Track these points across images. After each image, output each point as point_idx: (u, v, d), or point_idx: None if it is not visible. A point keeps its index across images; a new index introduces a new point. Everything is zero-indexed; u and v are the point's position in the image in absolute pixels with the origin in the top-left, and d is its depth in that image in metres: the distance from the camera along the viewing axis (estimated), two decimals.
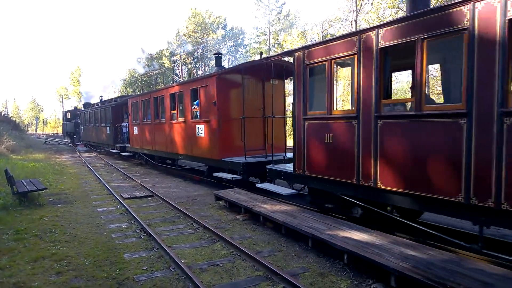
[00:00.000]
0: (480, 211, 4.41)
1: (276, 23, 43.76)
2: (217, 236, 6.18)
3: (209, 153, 10.78)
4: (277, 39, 42.61)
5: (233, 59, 52.30)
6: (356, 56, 5.82)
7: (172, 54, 49.80)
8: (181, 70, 49.76)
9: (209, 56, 49.34)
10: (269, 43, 43.25)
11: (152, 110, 15.05)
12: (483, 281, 3.64)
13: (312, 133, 6.88)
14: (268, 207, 7.08)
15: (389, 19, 5.73)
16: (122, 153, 19.15)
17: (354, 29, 27.57)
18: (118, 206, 8.81)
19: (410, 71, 6.15)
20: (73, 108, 38.43)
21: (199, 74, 45.47)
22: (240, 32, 53.56)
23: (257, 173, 9.26)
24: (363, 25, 29.33)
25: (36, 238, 6.29)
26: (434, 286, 3.62)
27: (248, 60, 8.50)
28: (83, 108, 29.81)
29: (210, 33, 49.41)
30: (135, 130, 17.26)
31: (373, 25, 5.68)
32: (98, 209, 8.52)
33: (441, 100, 7.10)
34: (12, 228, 6.86)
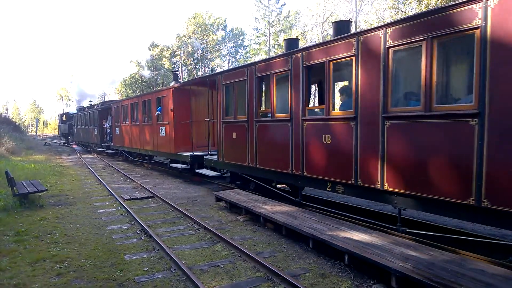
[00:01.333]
0: (390, 194, 5.40)
1: (276, 24, 43.76)
2: (217, 237, 6.18)
3: (169, 148, 13.60)
4: (277, 40, 42.65)
5: (233, 60, 52.37)
6: (289, 72, 7.36)
7: (173, 55, 49.84)
8: (182, 71, 49.80)
9: (209, 57, 49.40)
10: (269, 44, 43.28)
11: (129, 114, 17.95)
12: (484, 281, 3.63)
13: (226, 132, 9.79)
14: (269, 208, 7.08)
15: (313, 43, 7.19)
16: (106, 151, 22.04)
17: (354, 31, 27.53)
18: (119, 207, 8.80)
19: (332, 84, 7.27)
20: (67, 112, 41.02)
21: (199, 75, 45.49)
22: (240, 33, 53.61)
23: (200, 163, 11.78)
24: (363, 26, 29.35)
25: (36, 240, 6.28)
26: (435, 287, 3.61)
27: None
28: (76, 111, 32.69)
29: (210, 34, 49.45)
30: (117, 130, 20.28)
31: (300, 48, 7.23)
32: (98, 211, 8.52)
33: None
34: (13, 229, 6.86)
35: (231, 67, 46.90)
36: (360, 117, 5.77)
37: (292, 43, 8.32)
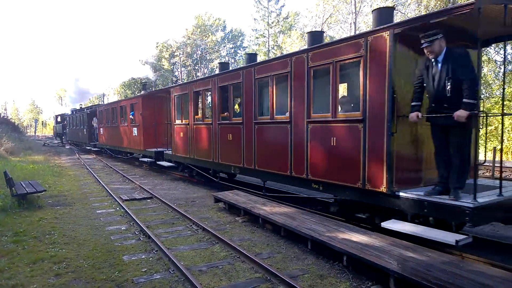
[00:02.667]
0: (295, 179, 7.27)
1: (276, 25, 43.80)
2: (216, 238, 6.18)
3: (139, 146, 16.40)
4: (276, 41, 42.70)
5: (233, 60, 52.39)
6: (211, 90, 10.48)
7: (172, 56, 49.85)
8: (181, 72, 49.81)
9: (208, 58, 49.39)
10: (268, 45, 43.32)
11: (111, 117, 20.81)
12: (483, 283, 3.64)
13: (175, 132, 12.73)
14: (267, 209, 7.08)
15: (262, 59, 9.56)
16: (93, 149, 25.12)
17: (354, 32, 27.63)
18: (117, 208, 8.80)
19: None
20: (62, 113, 41.98)
21: (198, 76, 45.51)
22: (240, 34, 53.64)
23: (162, 157, 14.30)
24: (362, 27, 29.39)
25: (35, 240, 6.27)
26: None
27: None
28: (70, 113, 34.67)
29: (209, 35, 49.46)
30: (101, 131, 23.15)
31: (243, 66, 9.31)
32: (97, 211, 8.51)
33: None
34: (11, 230, 6.85)
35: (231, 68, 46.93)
36: (294, 120, 7.21)
37: (223, 66, 11.37)
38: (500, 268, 4.32)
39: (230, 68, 10.71)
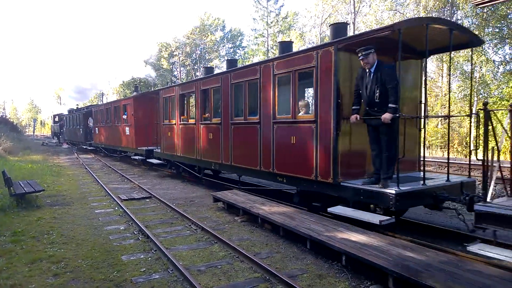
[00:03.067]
0: (264, 173, 8.19)
1: (275, 25, 43.79)
2: (215, 238, 6.17)
3: (132, 144, 17.34)
4: (276, 41, 42.68)
5: None
6: (194, 93, 11.75)
7: (171, 55, 49.81)
8: (180, 72, 49.78)
9: (208, 57, 49.35)
10: (268, 45, 43.31)
11: (105, 117, 21.73)
12: (481, 282, 3.65)
13: (164, 131, 13.71)
14: (266, 209, 7.08)
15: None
16: (89, 148, 26.38)
17: (353, 32, 27.63)
18: (116, 208, 8.79)
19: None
20: (59, 113, 43.00)
21: (197, 76, 45.49)
22: (239, 34, 53.61)
23: (153, 155, 15.21)
24: (362, 27, 29.42)
25: (33, 240, 6.26)
26: None
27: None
28: (67, 113, 35.89)
29: (208, 35, 49.42)
30: (97, 130, 24.03)
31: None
32: (95, 211, 8.50)
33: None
34: (9, 229, 6.83)
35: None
36: (262, 121, 8.09)
37: (208, 70, 12.77)
38: (497, 267, 4.33)
39: (215, 72, 11.55)
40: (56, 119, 41.48)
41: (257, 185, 10.36)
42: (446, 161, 5.56)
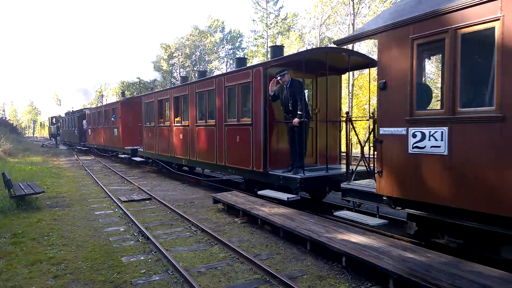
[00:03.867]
0: (219, 166, 10.10)
1: (274, 26, 43.84)
2: (215, 239, 6.17)
3: (119, 144, 19.38)
4: (275, 42, 42.70)
5: (231, 62, 52.40)
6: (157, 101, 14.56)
7: (171, 57, 49.83)
8: (179, 73, 49.79)
9: (207, 59, 49.37)
10: (267, 46, 43.33)
11: (97, 119, 23.96)
12: (481, 283, 3.64)
13: (146, 133, 15.73)
14: (266, 210, 7.08)
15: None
16: (83, 148, 28.23)
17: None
18: (116, 209, 8.78)
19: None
20: (56, 115, 45.08)
21: (196, 77, 45.51)
22: (238, 35, 53.66)
23: (136, 154, 17.29)
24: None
25: (33, 242, 6.26)
26: None
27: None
28: (64, 116, 37.99)
29: (208, 36, 49.46)
30: (89, 132, 26.30)
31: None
32: (95, 212, 8.49)
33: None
34: (10, 231, 6.83)
35: (229, 69, 46.95)
36: (217, 124, 10.02)
37: (182, 79, 14.60)
38: (498, 268, 4.33)
39: (187, 81, 13.58)
40: (54, 121, 43.77)
41: (213, 177, 12.00)
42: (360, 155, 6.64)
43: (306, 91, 8.54)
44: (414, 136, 4.84)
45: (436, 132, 4.58)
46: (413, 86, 4.83)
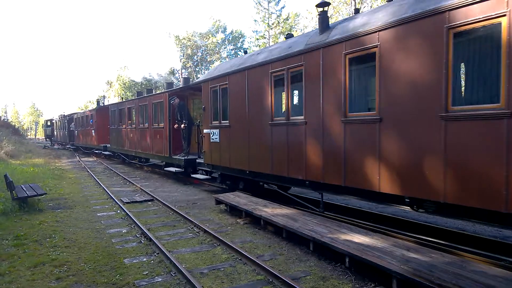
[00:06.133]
0: (153, 155, 15.86)
1: (276, 26, 43.80)
2: (217, 240, 6.16)
3: (96, 142, 24.61)
4: (277, 42, 42.68)
5: None
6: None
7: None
8: (181, 74, 49.82)
9: (209, 59, 49.40)
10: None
11: (81, 123, 29.20)
12: (485, 283, 3.62)
13: (112, 132, 21.35)
14: (269, 211, 7.06)
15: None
16: (71, 147, 33.52)
17: None
18: (118, 211, 8.78)
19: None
20: (50, 119, 50.82)
21: (199, 78, 45.56)
22: (240, 36, 53.64)
23: (106, 149, 22.64)
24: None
25: (36, 244, 6.26)
26: None
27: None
28: (57, 118, 43.02)
29: (210, 37, 49.47)
30: (76, 133, 31.58)
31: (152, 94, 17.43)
32: (98, 214, 8.49)
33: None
34: (12, 233, 6.83)
35: None
36: (149, 127, 15.18)
37: (138, 94, 19.19)
38: (502, 267, 4.30)
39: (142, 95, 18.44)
40: (48, 123, 49.95)
41: (155, 164, 17.79)
42: None
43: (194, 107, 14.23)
44: (212, 133, 10.39)
45: (216, 131, 10.16)
46: (211, 110, 10.44)
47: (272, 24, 44.01)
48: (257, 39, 46.19)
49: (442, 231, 6.30)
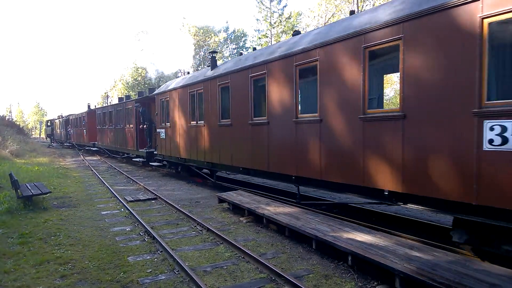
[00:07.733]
0: (130, 150, 19.54)
1: (278, 25, 43.72)
2: (220, 239, 6.18)
3: (87, 140, 28.50)
4: (279, 41, 42.61)
5: None
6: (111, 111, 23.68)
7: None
8: (183, 73, 49.90)
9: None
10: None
11: (75, 123, 33.47)
12: (489, 282, 3.62)
13: (99, 132, 26.05)
14: (272, 209, 7.07)
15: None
16: (68, 144, 37.48)
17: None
18: (122, 209, 8.83)
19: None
20: (50, 119, 55.42)
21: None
22: (242, 35, 53.63)
23: (94, 146, 26.84)
24: None
25: (40, 242, 6.31)
26: None
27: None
28: (56, 119, 47.41)
29: (212, 36, 49.49)
30: (71, 132, 36.01)
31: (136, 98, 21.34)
32: (102, 212, 8.54)
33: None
34: (17, 231, 6.89)
35: None
36: (123, 127, 19.73)
37: (119, 99, 23.49)
38: (505, 266, 4.29)
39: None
40: (48, 123, 54.56)
41: (129, 156, 19.80)
42: None
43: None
44: (161, 132, 14.34)
45: (163, 131, 14.30)
46: (161, 115, 14.47)
47: (274, 23, 43.91)
48: (259, 38, 46.12)
49: (442, 229, 6.28)
